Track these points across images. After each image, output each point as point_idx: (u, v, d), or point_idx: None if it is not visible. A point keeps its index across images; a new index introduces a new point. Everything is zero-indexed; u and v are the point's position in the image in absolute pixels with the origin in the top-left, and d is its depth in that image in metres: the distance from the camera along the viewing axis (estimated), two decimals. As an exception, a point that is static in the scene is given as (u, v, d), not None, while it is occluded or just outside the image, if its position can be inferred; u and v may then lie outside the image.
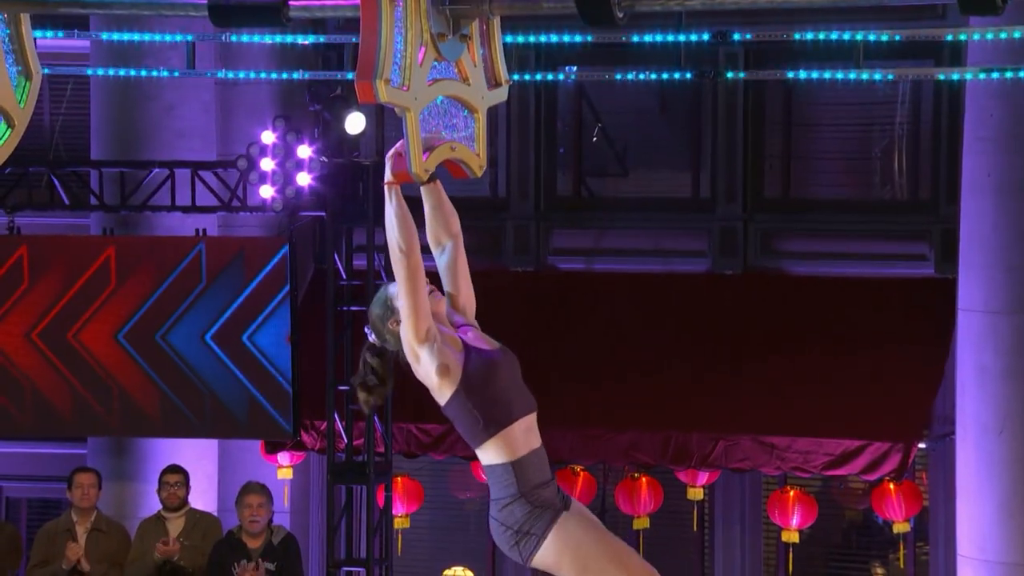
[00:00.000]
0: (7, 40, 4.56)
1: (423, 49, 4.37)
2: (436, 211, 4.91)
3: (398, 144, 4.58)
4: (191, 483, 10.70)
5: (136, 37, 10.26)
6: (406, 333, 4.81)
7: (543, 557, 4.86)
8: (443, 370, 4.81)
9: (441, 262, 4.94)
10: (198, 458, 11.60)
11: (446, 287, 4.98)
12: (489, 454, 4.86)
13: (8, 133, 4.55)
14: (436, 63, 4.46)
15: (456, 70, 4.55)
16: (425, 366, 4.81)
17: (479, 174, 4.69)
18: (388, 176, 4.69)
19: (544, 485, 4.87)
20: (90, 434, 11.99)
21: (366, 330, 5.01)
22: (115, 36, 10.45)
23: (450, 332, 4.86)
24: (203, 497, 11.36)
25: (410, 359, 4.84)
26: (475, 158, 4.66)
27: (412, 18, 4.32)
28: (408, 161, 4.45)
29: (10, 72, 4.56)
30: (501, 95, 4.73)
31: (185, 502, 10.58)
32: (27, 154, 11.79)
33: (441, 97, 4.54)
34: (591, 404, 11.65)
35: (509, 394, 4.87)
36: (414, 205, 4.81)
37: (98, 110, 12.13)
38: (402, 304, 4.79)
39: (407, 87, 4.33)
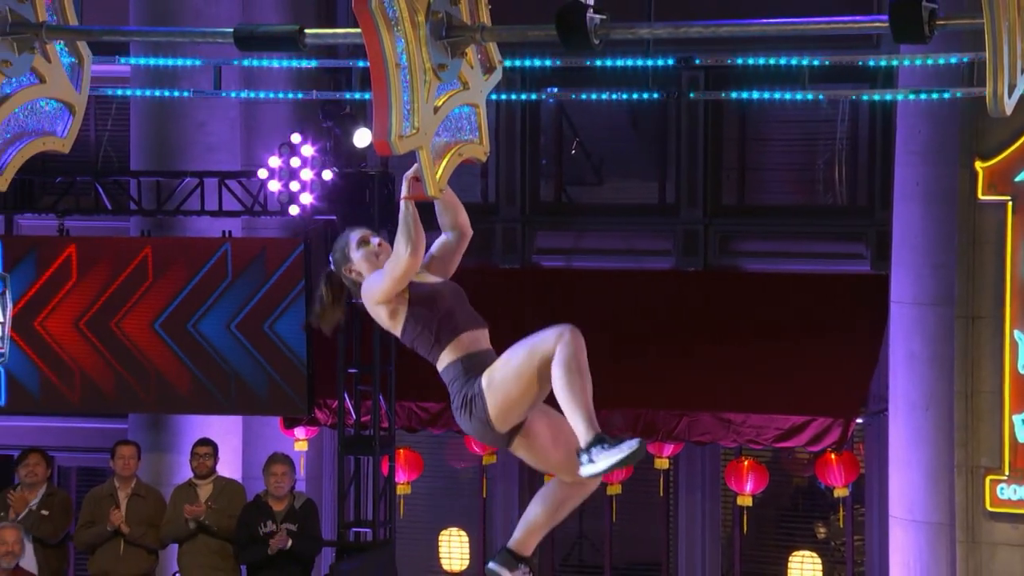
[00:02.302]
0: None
1: (427, 86, 4.33)
2: (446, 209, 4.98)
3: (414, 168, 4.54)
4: (219, 454, 10.70)
5: (171, 62, 10.25)
6: (371, 293, 4.90)
7: (492, 403, 4.72)
8: (392, 314, 4.89)
9: (439, 241, 5.02)
10: (225, 432, 11.60)
11: (433, 252, 4.99)
12: (444, 359, 4.86)
13: (71, 120, 4.55)
14: (439, 85, 4.43)
15: (457, 80, 4.51)
16: (377, 312, 4.91)
17: (484, 159, 4.66)
18: (405, 193, 4.69)
19: (481, 363, 4.80)
20: (130, 411, 11.98)
21: (329, 258, 5.07)
22: (152, 61, 10.44)
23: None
24: (229, 467, 11.36)
25: (366, 303, 4.93)
26: (479, 147, 4.60)
27: (415, 61, 4.24)
28: (424, 187, 4.42)
29: (64, 64, 4.54)
30: (496, 79, 4.62)
31: (213, 471, 10.59)
32: (75, 165, 11.81)
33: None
34: (570, 385, 11.63)
35: (454, 313, 4.88)
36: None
37: (137, 126, 12.11)
38: (382, 282, 4.85)
39: (418, 129, 4.27)
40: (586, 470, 4.60)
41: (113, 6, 12.10)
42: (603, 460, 4.55)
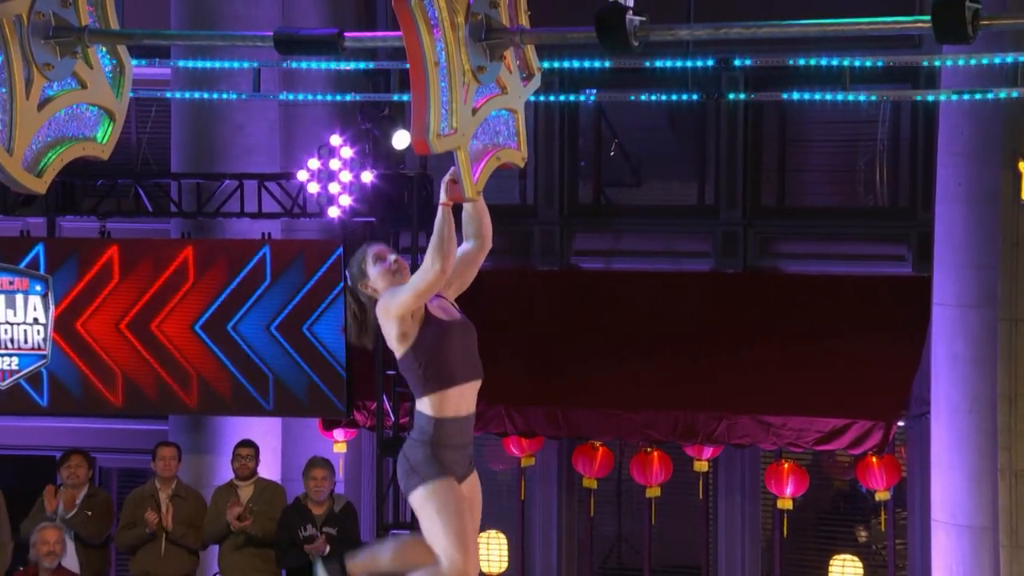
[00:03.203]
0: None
1: (466, 88, 4.33)
2: (473, 218, 4.96)
3: (452, 171, 4.54)
4: (259, 456, 10.73)
5: (210, 65, 10.29)
6: (388, 307, 4.92)
7: (415, 498, 4.94)
8: (402, 337, 4.94)
9: (460, 249, 4.96)
10: (264, 434, 11.64)
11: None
12: (423, 404, 5.00)
13: (111, 127, 4.57)
14: (478, 88, 4.43)
15: (496, 84, 4.51)
16: (388, 329, 4.95)
17: (522, 165, 4.67)
18: (443, 198, 4.69)
19: (453, 448, 4.94)
20: (171, 412, 12.05)
21: (344, 272, 5.13)
22: (191, 64, 10.49)
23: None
24: (269, 468, 11.40)
25: (379, 317, 4.97)
26: (517, 153, 4.61)
27: (454, 62, 4.24)
28: (462, 189, 4.43)
29: (105, 71, 4.56)
30: (534, 85, 4.64)
31: (255, 472, 10.63)
32: (116, 168, 11.89)
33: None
34: (610, 388, 11.65)
35: (454, 361, 4.94)
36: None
37: (177, 129, 12.18)
38: (405, 294, 4.87)
39: (455, 129, 4.28)
40: None
41: (154, 11, 12.17)
42: None
